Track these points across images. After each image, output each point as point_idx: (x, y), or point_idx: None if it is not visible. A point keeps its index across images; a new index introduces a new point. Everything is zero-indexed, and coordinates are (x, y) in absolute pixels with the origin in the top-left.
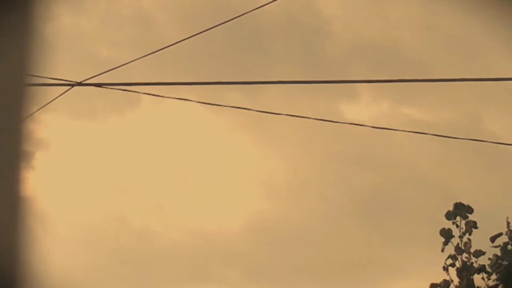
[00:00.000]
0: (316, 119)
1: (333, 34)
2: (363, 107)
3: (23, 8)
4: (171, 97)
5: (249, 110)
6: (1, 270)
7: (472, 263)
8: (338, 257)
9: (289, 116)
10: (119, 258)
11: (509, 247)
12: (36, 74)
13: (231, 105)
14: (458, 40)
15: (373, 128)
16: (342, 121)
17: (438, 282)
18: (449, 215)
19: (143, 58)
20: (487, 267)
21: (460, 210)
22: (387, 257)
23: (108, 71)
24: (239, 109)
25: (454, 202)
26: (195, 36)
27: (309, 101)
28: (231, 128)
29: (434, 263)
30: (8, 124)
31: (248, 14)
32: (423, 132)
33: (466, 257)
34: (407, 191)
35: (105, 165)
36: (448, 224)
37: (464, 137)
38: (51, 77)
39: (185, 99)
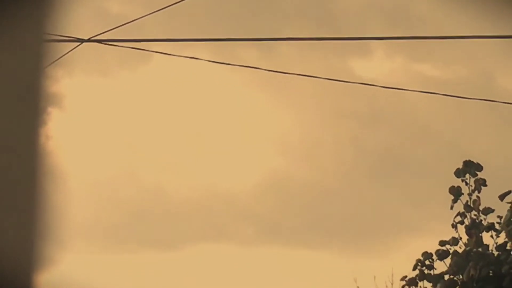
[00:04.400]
0: (326, 78)
1: None
2: (376, 64)
3: None
4: (181, 56)
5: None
6: (17, 225)
7: (481, 220)
8: (351, 214)
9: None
10: (132, 215)
11: None
12: (47, 30)
13: (242, 64)
14: None
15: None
16: (353, 81)
17: (447, 239)
18: (459, 173)
19: (154, 13)
20: (496, 224)
21: (470, 167)
22: (397, 215)
23: (118, 27)
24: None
25: (464, 159)
26: None
27: (322, 58)
28: (243, 86)
29: (444, 220)
30: (23, 80)
31: None
32: (434, 92)
33: (475, 215)
34: (419, 149)
35: (117, 121)
36: (458, 182)
37: (476, 97)
38: (62, 33)
39: (195, 58)
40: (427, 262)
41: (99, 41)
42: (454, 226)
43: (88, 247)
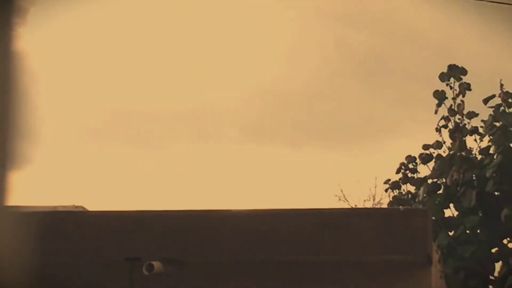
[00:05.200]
0: None
1: None
2: None
3: None
4: None
5: None
6: None
7: (465, 124)
8: (335, 116)
9: None
10: (116, 116)
11: (501, 109)
12: None
13: None
14: None
15: None
16: None
17: (431, 143)
18: (443, 77)
19: None
20: (480, 128)
21: (454, 71)
22: (382, 117)
23: None
24: None
25: (449, 63)
26: None
27: None
28: None
29: (428, 124)
30: None
31: None
32: None
33: (459, 119)
34: (405, 52)
35: (104, 28)
36: (443, 86)
37: None
38: None
39: None
40: (410, 166)
41: None
42: (438, 130)
43: (71, 146)
